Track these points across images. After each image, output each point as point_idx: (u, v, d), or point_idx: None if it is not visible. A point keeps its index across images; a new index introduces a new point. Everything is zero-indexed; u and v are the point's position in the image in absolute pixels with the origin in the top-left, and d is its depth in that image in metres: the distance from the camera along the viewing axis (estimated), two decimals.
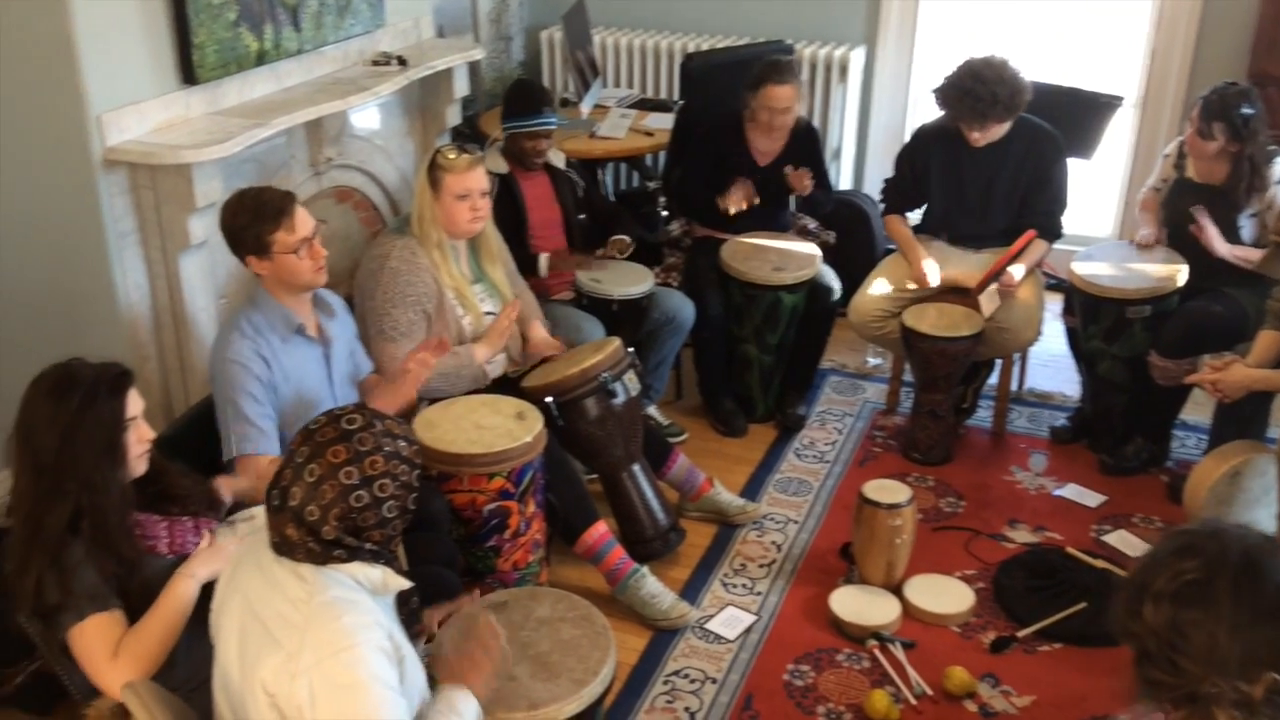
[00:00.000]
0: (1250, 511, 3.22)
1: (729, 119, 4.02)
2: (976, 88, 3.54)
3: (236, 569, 1.92)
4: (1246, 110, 3.34)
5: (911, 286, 3.81)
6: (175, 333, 3.17)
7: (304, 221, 2.68)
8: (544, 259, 3.72)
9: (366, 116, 3.87)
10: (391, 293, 3.08)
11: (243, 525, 2.38)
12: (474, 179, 3.13)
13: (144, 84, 3.03)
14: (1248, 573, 1.45)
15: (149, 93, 3.04)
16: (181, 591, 2.11)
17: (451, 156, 3.11)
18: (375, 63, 3.84)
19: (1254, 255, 3.33)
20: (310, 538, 1.79)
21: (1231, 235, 3.47)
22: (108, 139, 2.92)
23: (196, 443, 2.68)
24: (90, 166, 2.91)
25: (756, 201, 3.93)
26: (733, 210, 3.89)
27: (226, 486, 2.48)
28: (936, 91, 3.68)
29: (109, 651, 2.03)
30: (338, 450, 1.79)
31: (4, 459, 2.15)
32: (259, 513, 2.15)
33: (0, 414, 2.23)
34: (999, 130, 3.65)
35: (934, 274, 3.75)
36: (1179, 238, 3.61)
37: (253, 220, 2.62)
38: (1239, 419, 3.34)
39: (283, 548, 1.82)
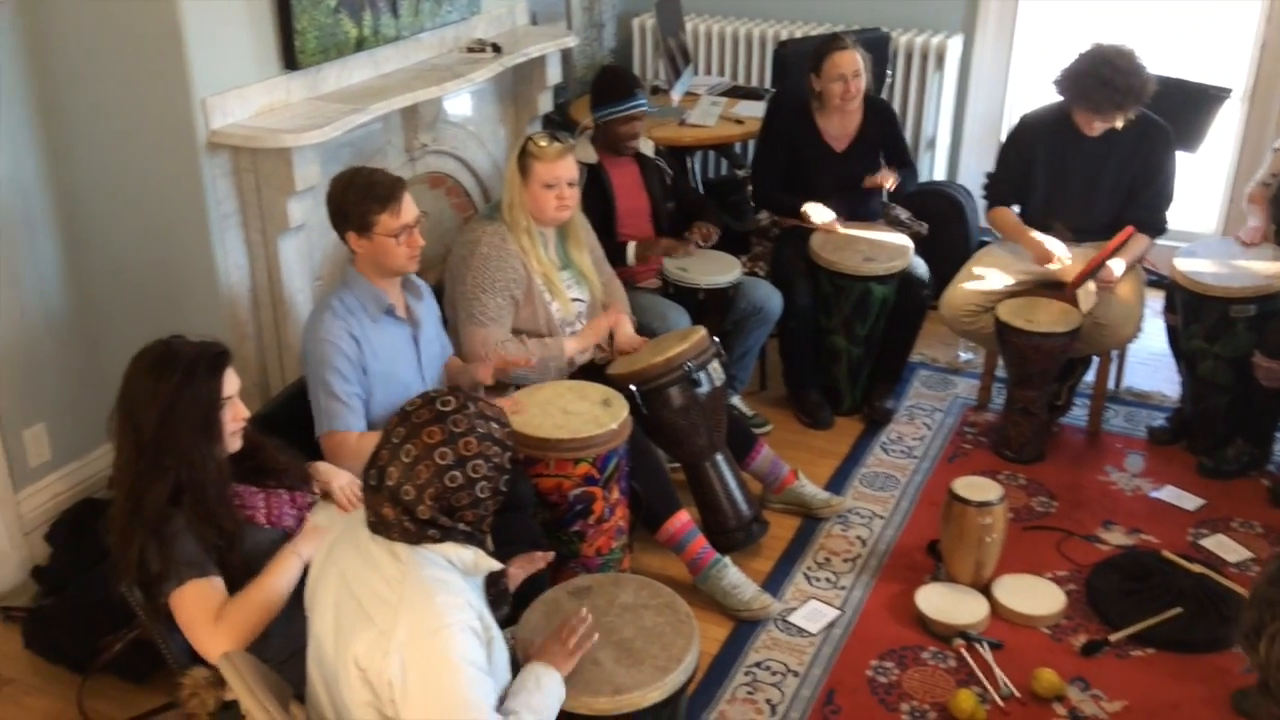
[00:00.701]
0: None
1: (800, 107, 3.98)
2: (1114, 77, 3.44)
3: (333, 546, 1.96)
4: None
5: (1003, 278, 3.72)
6: (273, 312, 3.24)
7: (409, 209, 2.73)
8: (632, 247, 3.73)
9: (460, 103, 3.91)
10: (481, 278, 3.11)
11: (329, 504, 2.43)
12: (562, 168, 3.14)
13: (247, 69, 3.09)
14: None
15: (252, 77, 3.10)
16: (287, 567, 2.16)
17: (542, 144, 3.12)
18: (470, 49, 3.87)
19: None
20: (406, 517, 1.83)
21: None
22: (212, 122, 2.98)
23: (292, 420, 2.74)
24: (195, 149, 2.98)
25: (833, 219, 3.88)
26: (815, 220, 3.86)
27: (322, 474, 2.51)
28: (1061, 78, 3.57)
29: (209, 616, 2.09)
30: (433, 431, 1.82)
31: (108, 432, 2.21)
32: None
33: (105, 389, 2.31)
34: (1119, 121, 3.55)
35: (1061, 250, 3.64)
36: None
37: (362, 198, 2.68)
38: None
39: (379, 527, 1.85)
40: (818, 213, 3.88)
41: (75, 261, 3.23)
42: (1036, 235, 3.69)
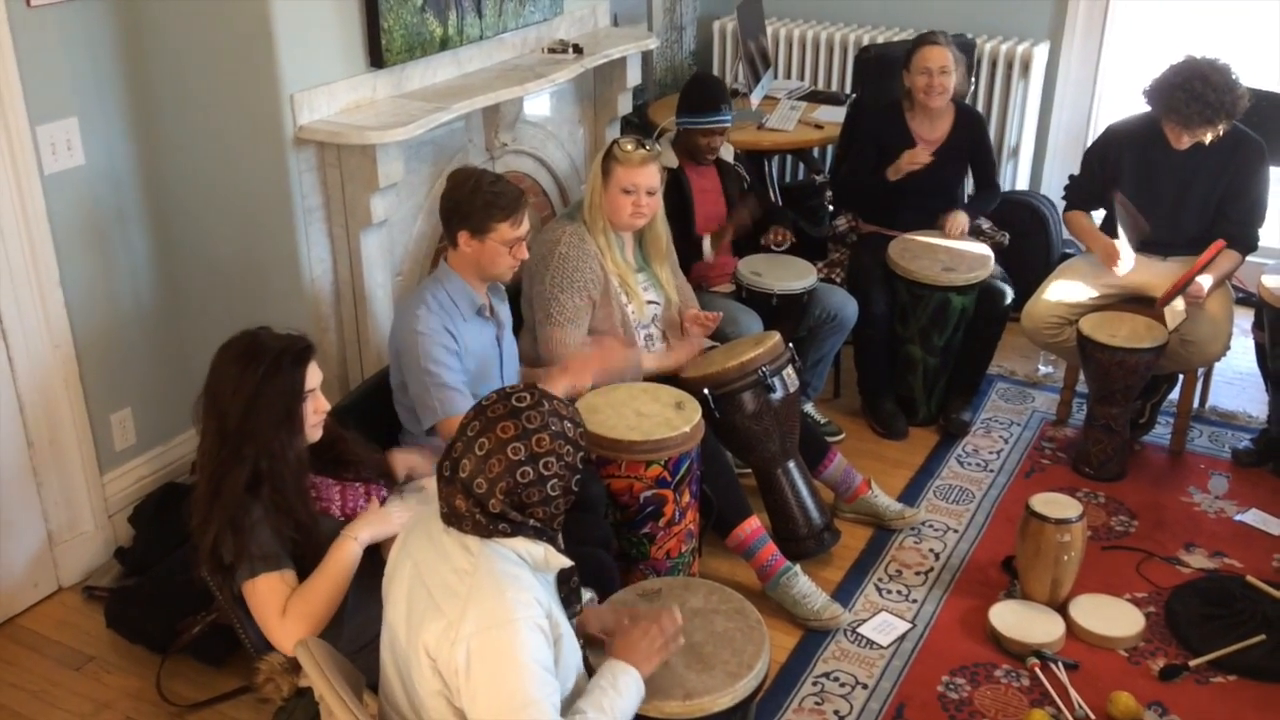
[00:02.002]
0: None
1: (891, 107, 3.94)
2: (1206, 93, 3.36)
3: (408, 537, 1.98)
4: None
5: (1087, 291, 3.65)
6: (354, 306, 3.28)
7: (525, 222, 2.78)
8: (707, 240, 3.72)
9: (541, 103, 3.93)
10: (560, 278, 3.12)
11: (411, 496, 2.46)
12: (644, 175, 3.13)
13: (334, 66, 3.14)
14: None
15: (338, 74, 3.15)
16: (345, 553, 2.19)
17: (628, 149, 3.13)
18: (552, 50, 3.89)
19: None
20: (477, 509, 1.84)
21: None
22: (299, 118, 3.03)
23: (370, 414, 2.78)
24: (282, 144, 3.03)
25: (929, 159, 3.82)
26: (904, 168, 3.81)
27: (401, 463, 2.55)
28: (1151, 90, 3.50)
29: (279, 608, 2.12)
30: (506, 426, 1.84)
31: (193, 418, 2.26)
32: (429, 484, 2.21)
33: (190, 377, 2.36)
34: (1208, 137, 3.46)
35: (1128, 256, 3.58)
36: None
37: (488, 203, 2.71)
38: None
39: (451, 518, 1.87)
40: (915, 153, 3.82)
41: (165, 252, 3.30)
42: (1105, 239, 3.63)
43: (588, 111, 4.21)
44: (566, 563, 1.95)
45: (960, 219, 3.89)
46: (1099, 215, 3.86)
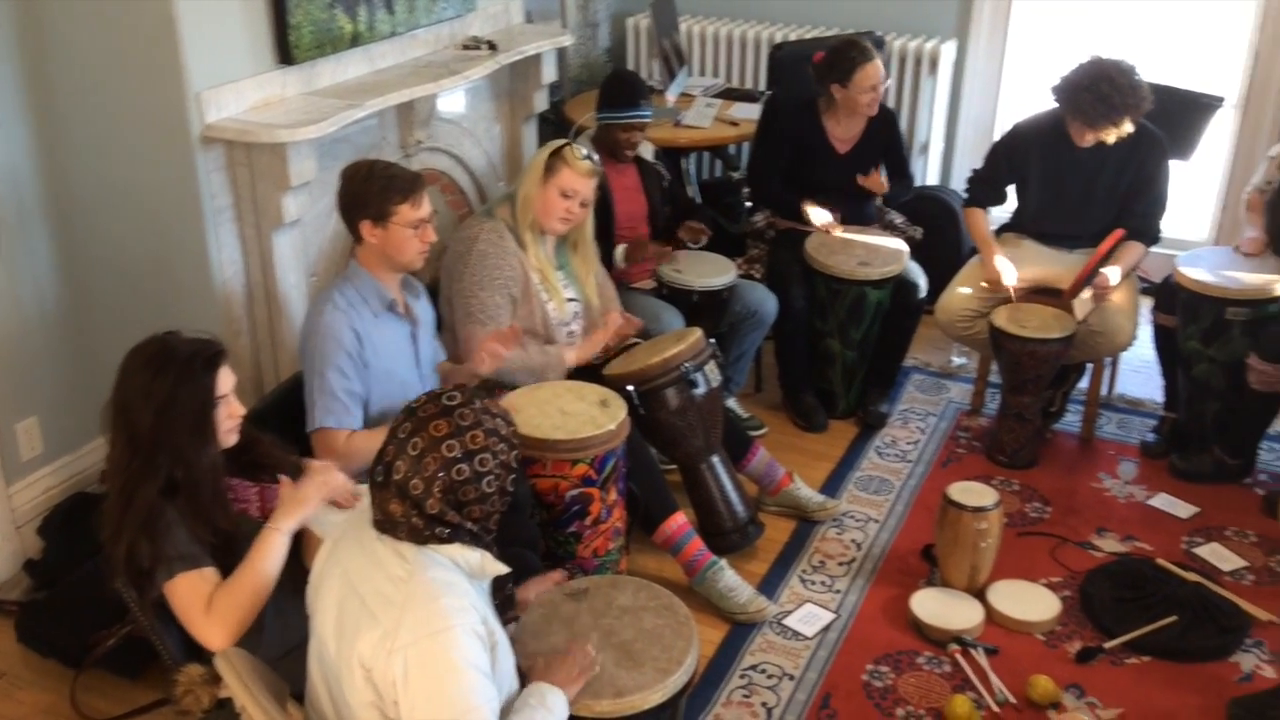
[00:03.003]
0: None
1: (806, 107, 3.97)
2: (1113, 94, 3.45)
3: (337, 545, 1.94)
4: None
5: (985, 285, 3.74)
6: (267, 308, 3.21)
7: (427, 203, 2.75)
8: (620, 250, 3.71)
9: (455, 100, 3.89)
10: (479, 275, 3.09)
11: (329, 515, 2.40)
12: (585, 184, 3.15)
13: (242, 63, 3.07)
14: None
15: (246, 72, 3.08)
16: (270, 544, 2.13)
17: (578, 156, 3.14)
18: (466, 46, 3.85)
19: None
20: (414, 512, 1.81)
21: None
22: (206, 116, 2.96)
23: (287, 415, 2.72)
24: (189, 143, 2.95)
25: (832, 223, 3.90)
26: (814, 221, 3.86)
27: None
28: (1059, 89, 3.58)
29: (202, 605, 2.06)
30: (439, 425, 1.82)
31: (102, 426, 2.18)
32: (362, 489, 2.17)
33: (98, 383, 2.28)
34: (1112, 135, 3.56)
35: (1009, 274, 3.67)
36: None
37: (384, 187, 2.68)
38: None
39: (385, 525, 1.84)
40: (817, 215, 3.89)
41: (69, 255, 3.20)
42: (993, 250, 3.72)
43: (504, 109, 4.18)
44: (503, 569, 1.93)
45: (875, 174, 3.93)
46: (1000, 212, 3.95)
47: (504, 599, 1.97)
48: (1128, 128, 3.54)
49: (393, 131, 3.57)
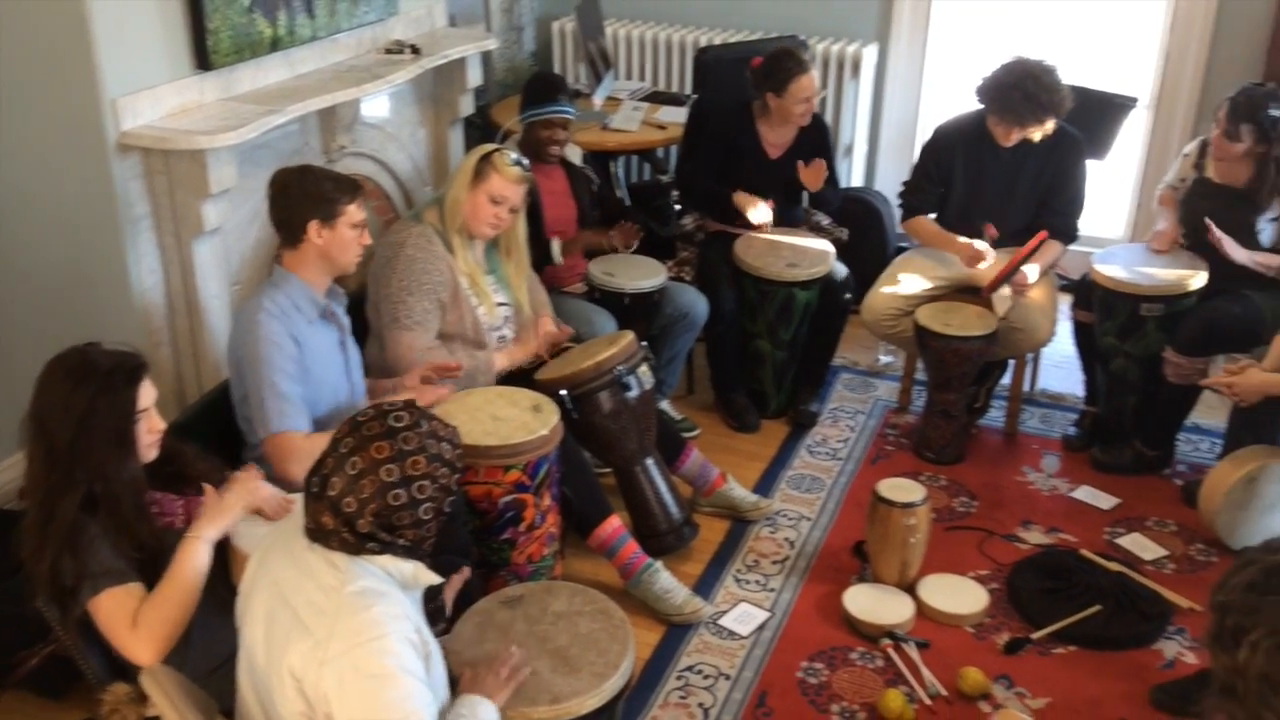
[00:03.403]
0: (1265, 517, 3.22)
1: (740, 111, 4.00)
2: (1039, 93, 3.52)
3: (266, 554, 1.91)
4: (1274, 112, 3.30)
5: (921, 283, 3.79)
6: (189, 319, 3.15)
7: (363, 208, 2.76)
8: (556, 243, 3.71)
9: (379, 105, 3.85)
10: (407, 280, 3.06)
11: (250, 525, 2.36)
12: (514, 191, 3.13)
13: (159, 69, 3.02)
14: None
15: (163, 78, 3.03)
16: (192, 554, 2.08)
17: (508, 162, 3.12)
18: (389, 51, 3.82)
19: (1273, 261, 3.32)
20: (345, 528, 1.79)
21: (1250, 238, 3.45)
22: (122, 123, 2.90)
23: (210, 427, 2.68)
24: (105, 151, 2.89)
25: (769, 223, 3.93)
26: (752, 220, 3.90)
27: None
28: (984, 89, 3.64)
29: (128, 621, 2.02)
30: (381, 446, 1.79)
31: (19, 440, 2.12)
32: (294, 498, 2.13)
33: (14, 397, 2.22)
34: (1037, 134, 3.63)
35: (982, 245, 3.71)
36: (1197, 237, 3.59)
37: (334, 188, 2.67)
38: (1254, 424, 3.32)
39: (317, 535, 1.81)
40: (756, 213, 3.91)
41: None
42: (962, 239, 3.76)
43: (428, 113, 4.15)
44: (435, 580, 1.91)
45: (818, 165, 3.94)
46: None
47: (435, 609, 1.95)
48: (1050, 126, 3.62)
49: (315, 137, 3.53)
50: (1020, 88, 3.53)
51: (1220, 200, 3.50)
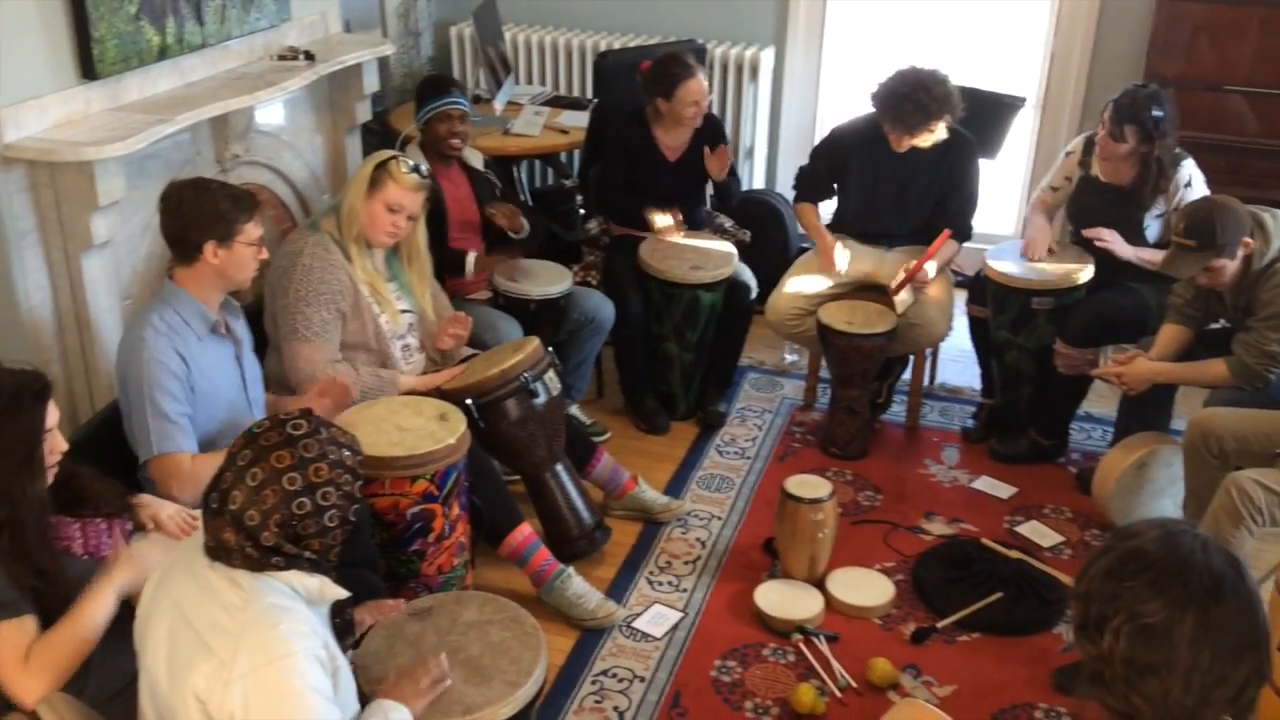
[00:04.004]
0: (1156, 501, 3.34)
1: (634, 116, 4.03)
2: (924, 99, 3.61)
3: (166, 575, 1.86)
4: (1157, 113, 3.42)
5: (823, 283, 3.86)
6: (79, 335, 3.05)
7: (260, 222, 2.69)
8: (471, 257, 3.67)
9: (273, 112, 3.78)
10: (305, 290, 3.01)
11: (156, 534, 2.31)
12: (411, 199, 3.09)
13: (42, 79, 2.91)
14: (1210, 617, 1.39)
15: (47, 88, 2.93)
16: (97, 606, 2.03)
17: (403, 170, 3.07)
18: (282, 57, 3.75)
19: (1157, 257, 3.44)
20: (249, 543, 1.75)
21: (1136, 234, 3.57)
22: (5, 136, 2.80)
23: (105, 447, 2.60)
24: None
25: (682, 228, 3.97)
26: (657, 226, 3.94)
27: (145, 513, 2.37)
28: (877, 97, 3.72)
29: (19, 658, 1.95)
30: (282, 455, 1.76)
31: None
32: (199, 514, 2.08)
33: None
34: (927, 140, 3.72)
35: (843, 260, 3.81)
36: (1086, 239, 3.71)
37: (232, 207, 2.59)
38: (1143, 411, 3.45)
39: (218, 553, 1.77)
40: (661, 220, 3.96)
41: None
42: (828, 240, 3.86)
43: (325, 120, 4.08)
44: (342, 594, 1.88)
45: (723, 151, 4.00)
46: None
47: (343, 624, 1.92)
48: (942, 133, 3.71)
49: (207, 146, 3.45)
50: (911, 98, 3.62)
51: (1107, 198, 3.62)
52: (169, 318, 2.59)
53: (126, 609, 2.04)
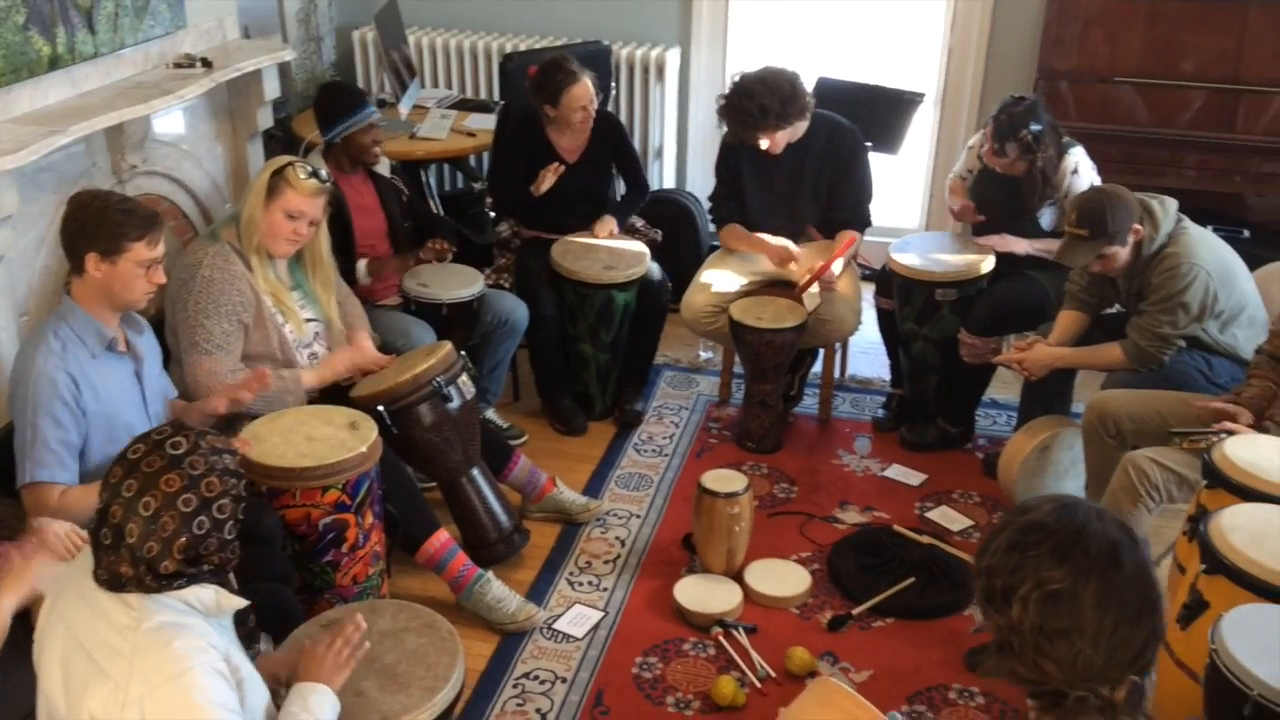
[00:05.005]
0: (1060, 482, 3.44)
1: (529, 121, 4.04)
2: (745, 103, 3.69)
3: (58, 598, 1.81)
4: (1035, 127, 3.50)
5: (736, 280, 3.90)
6: None
7: (160, 244, 2.59)
8: (362, 265, 3.63)
9: (171, 121, 3.70)
10: (205, 303, 2.95)
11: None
12: (311, 205, 3.04)
13: None
14: (1111, 581, 1.45)
15: None
16: None
17: (301, 176, 3.01)
18: (178, 65, 3.68)
19: (1052, 246, 3.54)
20: (148, 574, 1.71)
21: (1032, 223, 3.68)
22: None
23: (2, 468, 2.51)
24: None
25: (562, 169, 3.97)
26: (544, 187, 3.92)
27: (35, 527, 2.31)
28: (722, 108, 3.79)
29: None
30: (171, 479, 1.72)
31: None
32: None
33: None
34: (784, 136, 3.77)
35: (790, 245, 3.86)
36: (987, 225, 3.80)
37: (121, 221, 2.50)
38: (1045, 396, 3.55)
39: (113, 584, 1.72)
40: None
41: None
42: (772, 241, 3.89)
43: (225, 127, 4.01)
44: (241, 603, 1.85)
45: (608, 222, 4.05)
46: None
47: (248, 632, 1.89)
48: (800, 131, 3.76)
49: (103, 157, 3.37)
50: (732, 103, 3.69)
51: (1004, 188, 3.71)
52: (64, 334, 2.52)
53: (26, 635, 1.98)
